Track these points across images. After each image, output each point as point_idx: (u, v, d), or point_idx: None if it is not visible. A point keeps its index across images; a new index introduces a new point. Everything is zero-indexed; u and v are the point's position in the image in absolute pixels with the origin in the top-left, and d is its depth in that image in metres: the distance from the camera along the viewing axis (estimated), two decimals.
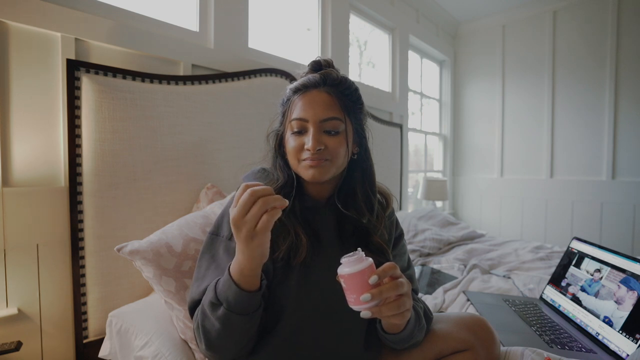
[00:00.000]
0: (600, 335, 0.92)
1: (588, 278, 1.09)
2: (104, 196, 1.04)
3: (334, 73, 0.62)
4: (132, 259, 0.81)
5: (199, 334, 0.55)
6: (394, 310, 0.47)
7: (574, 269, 1.17)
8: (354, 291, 0.46)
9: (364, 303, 0.45)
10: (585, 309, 1.02)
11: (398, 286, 0.47)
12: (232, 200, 0.50)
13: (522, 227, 2.98)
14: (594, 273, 1.08)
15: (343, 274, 0.47)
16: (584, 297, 1.05)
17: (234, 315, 0.51)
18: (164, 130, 1.17)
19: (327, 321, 0.62)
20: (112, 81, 1.06)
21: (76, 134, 1.01)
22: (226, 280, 0.51)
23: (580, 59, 2.67)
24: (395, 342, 0.61)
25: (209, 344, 0.54)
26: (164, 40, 1.25)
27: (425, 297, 1.27)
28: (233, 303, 0.50)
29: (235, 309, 0.51)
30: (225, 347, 0.55)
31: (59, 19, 1.00)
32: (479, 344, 0.64)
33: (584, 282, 1.09)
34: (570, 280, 1.15)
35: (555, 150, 2.81)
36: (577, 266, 1.16)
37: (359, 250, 0.48)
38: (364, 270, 0.46)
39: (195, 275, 0.62)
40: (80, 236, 1.03)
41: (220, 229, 0.64)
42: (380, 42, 2.62)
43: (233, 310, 0.51)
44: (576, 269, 1.16)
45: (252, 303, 0.52)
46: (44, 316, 1.01)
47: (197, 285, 0.60)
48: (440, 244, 1.95)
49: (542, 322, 1.03)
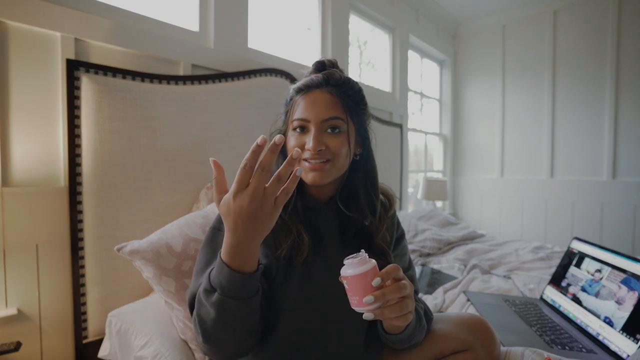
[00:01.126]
0: (600, 336, 0.92)
1: (588, 278, 1.09)
2: (104, 196, 1.04)
3: (337, 73, 0.62)
4: (131, 259, 0.81)
5: (195, 325, 0.53)
6: (397, 313, 0.47)
7: (574, 269, 1.17)
8: (357, 293, 0.46)
9: (367, 305, 0.45)
10: (586, 309, 1.02)
11: (401, 288, 0.47)
12: None
13: (522, 227, 2.98)
14: (594, 273, 1.08)
15: (346, 276, 0.47)
16: (585, 297, 1.05)
17: (229, 300, 0.47)
18: (164, 130, 1.17)
19: (327, 321, 0.62)
20: (111, 81, 1.06)
21: (76, 134, 1.01)
22: (218, 264, 0.48)
23: (581, 59, 2.67)
24: (395, 342, 0.61)
25: (205, 335, 0.51)
26: (164, 40, 1.25)
27: (425, 297, 1.27)
28: (227, 287, 0.47)
29: (230, 294, 0.47)
30: (222, 339, 0.52)
31: (59, 19, 1.00)
32: (479, 344, 0.64)
33: (585, 283, 1.09)
34: (570, 281, 1.15)
35: (556, 150, 2.80)
36: (577, 266, 1.16)
37: (362, 252, 0.48)
38: (367, 272, 0.46)
39: (195, 269, 0.61)
40: (80, 236, 1.02)
41: (222, 223, 0.63)
42: (380, 42, 2.62)
43: (227, 294, 0.47)
44: (576, 269, 1.15)
45: (247, 286, 0.48)
46: (44, 316, 1.00)
47: (196, 279, 0.58)
48: (441, 244, 1.95)
49: (542, 322, 1.03)
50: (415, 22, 2.80)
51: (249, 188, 0.42)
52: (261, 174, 0.42)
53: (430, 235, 1.97)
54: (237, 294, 0.48)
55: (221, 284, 0.47)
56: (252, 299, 0.50)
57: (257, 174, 0.42)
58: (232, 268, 0.47)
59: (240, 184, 0.42)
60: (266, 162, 0.41)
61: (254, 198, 0.42)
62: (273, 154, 0.41)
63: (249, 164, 0.42)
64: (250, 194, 0.42)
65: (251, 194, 0.42)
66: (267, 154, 0.42)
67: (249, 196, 0.42)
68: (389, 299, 0.46)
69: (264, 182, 0.42)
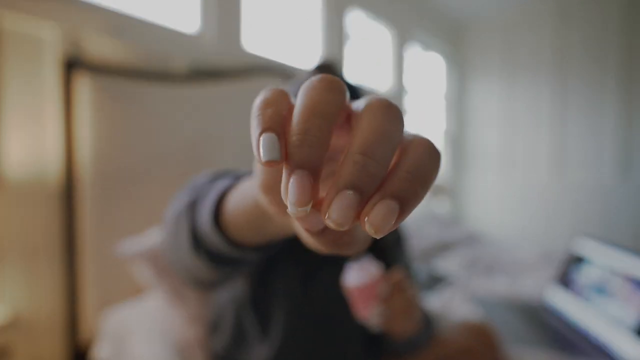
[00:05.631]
0: (606, 338, 0.91)
1: (593, 279, 1.07)
2: (102, 196, 1.03)
3: (339, 74, 0.61)
4: (130, 259, 0.80)
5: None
6: (402, 321, 0.46)
7: (578, 269, 1.15)
8: (363, 302, 0.46)
9: (374, 314, 0.45)
10: (591, 311, 1.00)
11: (407, 297, 0.46)
12: None
13: (525, 227, 2.96)
14: (599, 274, 1.06)
15: (352, 285, 0.46)
16: (589, 298, 1.04)
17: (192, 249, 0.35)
18: (163, 130, 1.16)
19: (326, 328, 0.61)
20: (110, 81, 1.05)
21: (73, 135, 1.00)
22: (208, 205, 0.34)
23: (583, 58, 2.65)
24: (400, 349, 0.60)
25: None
26: (163, 41, 1.24)
27: (426, 299, 1.25)
28: (203, 237, 0.34)
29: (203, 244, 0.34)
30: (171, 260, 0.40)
31: (57, 19, 0.99)
32: (482, 349, 0.63)
33: (589, 283, 1.07)
34: (574, 282, 1.14)
35: (559, 149, 2.79)
36: (582, 267, 1.14)
37: (367, 260, 0.48)
38: (371, 283, 0.45)
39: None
40: (78, 237, 1.02)
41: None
42: (380, 41, 2.61)
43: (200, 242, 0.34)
44: (581, 269, 1.14)
45: (227, 257, 0.34)
46: (40, 319, 1.00)
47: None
48: (441, 244, 1.93)
49: (545, 325, 1.02)
50: (415, 22, 2.79)
51: None
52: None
53: (430, 235, 1.96)
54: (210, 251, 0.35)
55: (204, 231, 0.34)
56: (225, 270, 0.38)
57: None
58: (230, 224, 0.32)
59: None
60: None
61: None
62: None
63: None
64: None
65: None
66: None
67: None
68: (395, 308, 0.45)
69: None
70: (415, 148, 0.17)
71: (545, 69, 2.83)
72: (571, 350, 0.87)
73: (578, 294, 1.08)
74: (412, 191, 0.15)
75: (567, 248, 1.91)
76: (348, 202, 0.15)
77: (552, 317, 1.07)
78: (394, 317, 0.46)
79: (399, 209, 0.15)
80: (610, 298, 0.97)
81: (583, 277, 1.11)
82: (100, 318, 1.03)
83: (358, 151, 0.15)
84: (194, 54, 1.32)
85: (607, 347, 0.89)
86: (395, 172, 0.16)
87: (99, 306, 1.05)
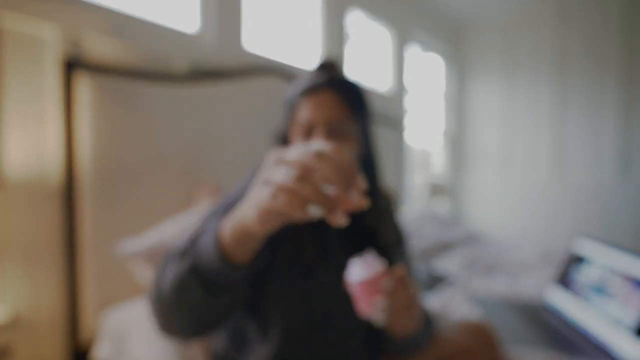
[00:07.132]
0: (606, 338, 0.91)
1: (593, 279, 1.07)
2: (102, 196, 1.03)
3: (341, 74, 0.62)
4: (131, 259, 0.80)
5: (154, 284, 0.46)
6: (405, 318, 0.46)
7: (578, 269, 1.15)
8: (365, 298, 0.46)
9: (375, 310, 0.45)
10: (591, 311, 1.00)
11: (409, 293, 0.46)
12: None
13: (525, 227, 2.96)
14: (599, 274, 1.06)
15: (354, 281, 0.46)
16: (589, 298, 1.04)
17: (195, 285, 0.40)
18: (163, 130, 1.16)
19: (326, 326, 0.61)
20: (110, 81, 1.05)
21: (73, 135, 1.00)
22: (210, 237, 0.40)
23: (583, 58, 2.65)
24: (400, 348, 0.60)
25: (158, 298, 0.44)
26: (163, 41, 1.24)
27: (425, 298, 1.25)
28: (205, 267, 0.40)
29: (204, 277, 0.40)
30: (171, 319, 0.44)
31: (57, 19, 0.99)
32: (482, 349, 0.63)
33: (589, 283, 1.07)
34: (574, 282, 1.14)
35: (559, 149, 2.79)
36: (582, 267, 1.14)
37: (369, 256, 0.48)
38: (375, 277, 0.45)
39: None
40: (78, 237, 1.02)
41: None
42: (380, 41, 2.61)
43: (200, 276, 0.40)
44: (581, 269, 1.14)
45: (230, 279, 0.40)
46: (40, 318, 1.00)
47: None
48: (441, 244, 1.93)
49: (545, 325, 1.02)
50: (415, 22, 2.79)
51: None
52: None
53: (430, 235, 1.96)
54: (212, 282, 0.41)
55: (201, 259, 0.40)
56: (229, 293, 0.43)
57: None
58: (226, 249, 0.39)
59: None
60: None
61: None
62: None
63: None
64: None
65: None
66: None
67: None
68: (398, 304, 0.45)
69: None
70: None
71: (545, 69, 2.83)
72: (571, 350, 0.87)
73: (578, 294, 1.08)
74: None
75: (567, 248, 1.91)
76: None
77: (552, 317, 1.07)
78: (396, 313, 0.46)
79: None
80: (610, 298, 0.97)
81: (583, 277, 1.11)
82: (100, 318, 1.03)
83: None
84: (194, 54, 1.32)
85: (607, 347, 0.89)
86: None
87: (99, 306, 1.05)
